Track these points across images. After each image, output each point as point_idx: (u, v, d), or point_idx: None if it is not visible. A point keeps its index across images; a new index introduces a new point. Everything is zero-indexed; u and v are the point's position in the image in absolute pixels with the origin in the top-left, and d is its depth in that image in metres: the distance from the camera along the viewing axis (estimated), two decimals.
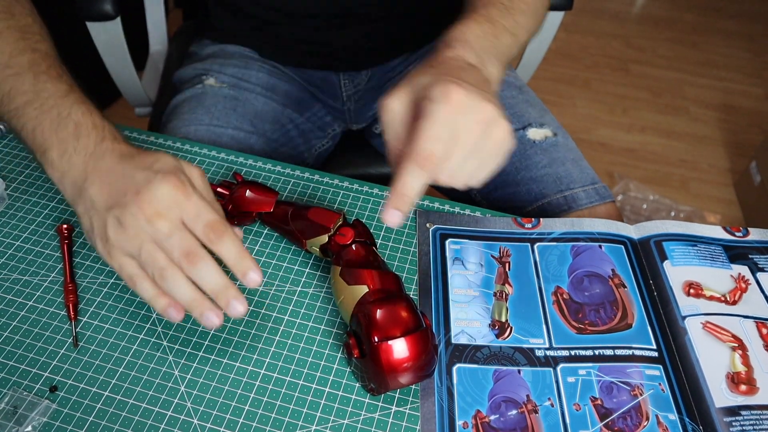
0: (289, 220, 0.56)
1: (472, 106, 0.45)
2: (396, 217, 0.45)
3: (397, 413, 0.48)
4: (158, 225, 0.43)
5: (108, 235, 0.45)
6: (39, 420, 0.46)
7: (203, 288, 0.44)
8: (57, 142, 0.48)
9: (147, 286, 0.45)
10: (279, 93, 0.84)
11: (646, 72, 2.20)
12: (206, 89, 0.80)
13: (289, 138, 0.83)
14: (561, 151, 0.76)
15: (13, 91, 0.51)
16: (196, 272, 0.44)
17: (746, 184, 1.74)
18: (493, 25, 0.55)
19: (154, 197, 0.44)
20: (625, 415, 0.47)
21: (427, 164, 0.44)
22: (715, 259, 0.58)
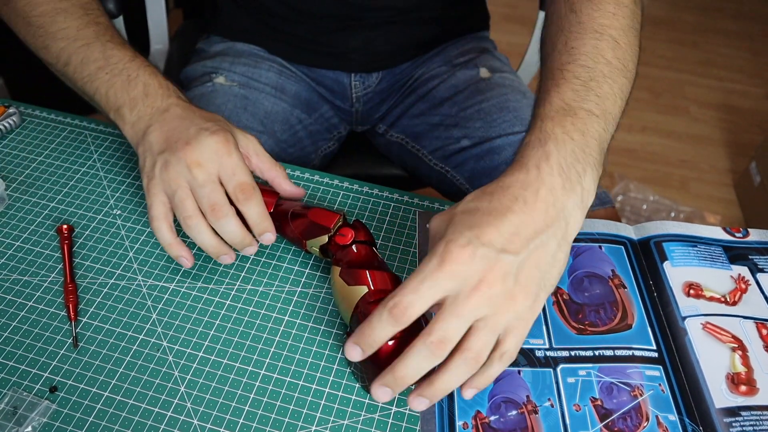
0: (289, 221, 0.56)
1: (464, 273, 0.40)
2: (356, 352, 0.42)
3: (397, 414, 0.48)
4: (195, 173, 0.49)
5: (154, 173, 0.51)
6: (39, 420, 0.46)
7: (223, 237, 0.51)
8: (128, 100, 0.54)
9: (165, 231, 0.51)
10: (288, 93, 0.84)
11: (646, 72, 2.20)
12: (216, 87, 0.80)
13: (298, 139, 0.83)
14: None
15: (85, 60, 0.57)
16: (218, 224, 0.50)
17: (746, 184, 1.74)
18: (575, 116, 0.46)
19: (199, 148, 0.50)
20: (625, 416, 0.47)
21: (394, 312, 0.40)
22: (715, 260, 0.58)
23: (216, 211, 0.50)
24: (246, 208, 0.51)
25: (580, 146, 0.45)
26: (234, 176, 0.51)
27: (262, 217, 0.52)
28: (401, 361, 0.41)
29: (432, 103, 0.84)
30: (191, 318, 0.53)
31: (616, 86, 0.50)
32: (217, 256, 0.52)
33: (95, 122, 0.71)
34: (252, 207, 0.51)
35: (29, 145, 0.68)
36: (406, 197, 0.65)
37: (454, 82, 0.84)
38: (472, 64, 0.85)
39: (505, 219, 0.41)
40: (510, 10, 2.28)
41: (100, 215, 0.61)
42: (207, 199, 0.50)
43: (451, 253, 0.40)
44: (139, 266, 0.57)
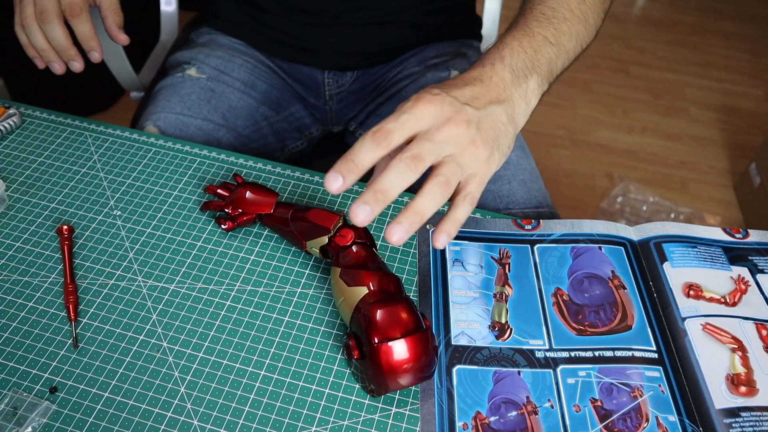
0: (289, 222, 0.56)
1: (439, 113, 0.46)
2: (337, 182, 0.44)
3: (397, 414, 0.48)
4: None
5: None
6: (39, 421, 0.46)
7: (51, 43, 0.62)
8: None
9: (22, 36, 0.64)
10: (258, 90, 0.85)
11: (646, 73, 2.21)
12: (185, 78, 0.81)
13: (262, 135, 0.84)
14: (512, 169, 0.73)
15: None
16: (45, 29, 0.61)
17: (746, 185, 1.74)
18: (532, 38, 0.55)
19: None
20: (625, 417, 0.47)
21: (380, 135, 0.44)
22: (715, 261, 0.58)
23: (43, 16, 0.60)
24: (74, 24, 0.61)
25: (530, 59, 0.53)
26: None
27: (88, 35, 0.62)
28: (381, 176, 0.44)
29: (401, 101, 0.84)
30: (191, 318, 0.53)
31: (574, 30, 0.58)
32: (47, 60, 0.63)
33: (95, 123, 0.71)
34: (78, 24, 0.61)
35: (29, 145, 0.68)
36: (405, 198, 0.65)
37: (423, 83, 0.83)
38: (444, 66, 0.84)
39: (466, 87, 0.49)
40: (510, 11, 2.28)
41: (100, 216, 0.61)
42: (39, 6, 0.60)
43: (425, 96, 0.46)
44: (139, 266, 0.57)
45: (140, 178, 0.65)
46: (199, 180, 0.65)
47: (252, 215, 0.58)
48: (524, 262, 0.58)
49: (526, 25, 0.56)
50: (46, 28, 0.61)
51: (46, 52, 0.62)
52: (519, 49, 0.53)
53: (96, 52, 0.62)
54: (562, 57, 0.57)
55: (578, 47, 0.59)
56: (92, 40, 0.62)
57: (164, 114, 0.76)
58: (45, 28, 0.61)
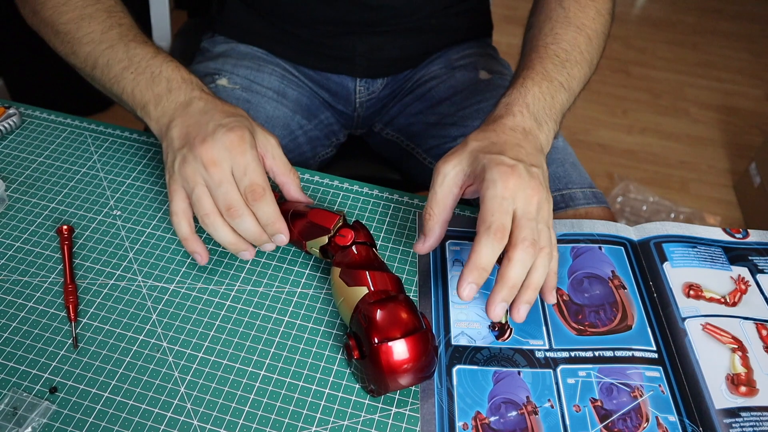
0: (289, 221, 0.56)
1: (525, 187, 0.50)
2: (472, 291, 0.48)
3: (397, 414, 0.48)
4: (211, 171, 0.50)
5: (174, 169, 0.52)
6: (39, 421, 0.46)
7: (241, 234, 0.52)
8: (153, 97, 0.56)
9: (185, 226, 0.53)
10: (289, 99, 0.84)
11: (645, 73, 2.21)
12: (219, 89, 0.80)
13: (297, 144, 0.83)
14: (560, 153, 0.77)
15: (111, 62, 0.58)
16: (235, 223, 0.51)
17: (746, 185, 1.74)
18: (551, 83, 0.58)
19: (214, 146, 0.51)
20: (625, 417, 0.47)
21: (499, 234, 0.48)
22: (715, 261, 0.58)
23: (232, 212, 0.51)
24: (256, 209, 0.51)
25: (549, 105, 0.58)
26: (245, 176, 0.51)
27: (273, 218, 0.52)
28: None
29: (430, 102, 0.85)
30: (191, 318, 0.53)
31: (582, 73, 0.63)
32: (236, 252, 0.53)
33: (95, 123, 0.71)
34: (262, 208, 0.51)
35: (29, 146, 0.68)
36: (406, 198, 0.65)
37: (452, 83, 0.85)
38: (472, 66, 0.86)
39: (521, 147, 0.53)
40: (510, 11, 2.28)
41: (100, 216, 0.61)
42: (223, 199, 0.51)
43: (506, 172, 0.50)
44: (139, 267, 0.57)
45: (140, 178, 0.65)
46: None
47: None
48: None
49: (544, 69, 0.59)
50: (236, 222, 0.51)
51: (235, 244, 0.52)
52: (540, 95, 0.57)
53: (283, 234, 0.52)
54: (571, 100, 0.62)
55: (582, 88, 0.64)
56: (278, 222, 0.52)
57: None
58: (235, 222, 0.51)
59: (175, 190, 0.52)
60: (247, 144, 0.51)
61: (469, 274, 0.48)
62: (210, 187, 0.51)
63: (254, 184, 0.51)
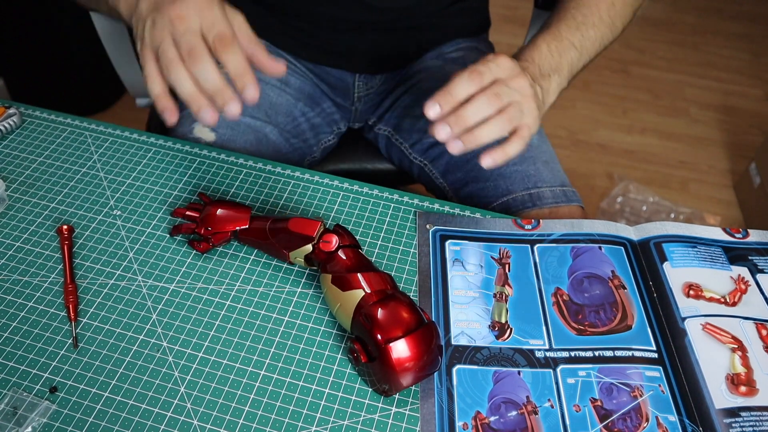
0: (268, 234, 0.55)
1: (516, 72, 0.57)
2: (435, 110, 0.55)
3: (397, 414, 0.48)
4: (177, 24, 0.50)
5: (144, 34, 0.52)
6: (39, 421, 0.46)
7: (202, 86, 0.49)
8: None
9: (157, 84, 0.51)
10: (292, 87, 0.85)
11: (646, 73, 2.20)
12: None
13: (301, 131, 0.84)
14: (534, 151, 0.77)
15: None
16: (196, 70, 0.49)
17: (746, 185, 1.74)
18: (560, 42, 0.64)
19: (183, 5, 0.51)
20: (624, 417, 0.47)
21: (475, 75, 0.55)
22: (715, 261, 0.58)
23: (192, 55, 0.49)
24: (225, 58, 0.50)
25: (555, 62, 0.64)
26: (213, 27, 0.50)
27: (242, 68, 0.50)
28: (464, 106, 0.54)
29: (417, 95, 0.85)
30: (191, 318, 0.53)
31: (599, 34, 0.68)
32: (198, 109, 0.50)
33: (95, 123, 0.71)
34: (231, 57, 0.50)
35: (29, 145, 0.68)
36: (405, 197, 0.65)
37: (441, 76, 0.84)
38: (462, 61, 0.87)
39: None
40: (510, 11, 2.28)
41: (100, 216, 0.61)
42: (185, 46, 0.49)
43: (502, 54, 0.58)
44: (139, 266, 0.57)
45: (140, 178, 0.65)
46: (199, 180, 0.65)
47: (227, 233, 0.56)
48: (524, 261, 0.58)
49: (557, 29, 0.65)
50: (197, 68, 0.49)
51: (196, 96, 0.49)
52: (547, 52, 0.63)
53: (253, 86, 0.50)
54: (584, 58, 0.66)
55: (601, 48, 0.69)
56: (247, 74, 0.50)
57: None
58: (196, 68, 0.49)
59: (145, 54, 0.51)
60: (215, 3, 0.52)
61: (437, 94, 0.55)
62: (175, 39, 0.50)
63: (222, 33, 0.50)
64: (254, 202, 0.63)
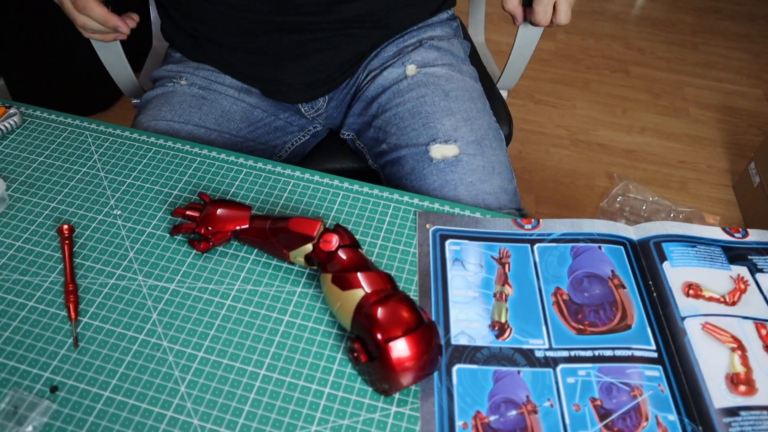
0: (268, 234, 0.55)
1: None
2: None
3: (397, 414, 0.48)
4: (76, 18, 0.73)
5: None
6: (39, 420, 0.46)
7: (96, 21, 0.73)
8: None
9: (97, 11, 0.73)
10: (252, 95, 0.84)
11: (645, 73, 2.21)
12: (176, 88, 0.80)
13: (259, 134, 0.83)
14: (458, 173, 0.72)
15: None
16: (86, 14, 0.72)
17: (745, 185, 1.74)
18: None
19: None
20: (624, 416, 0.48)
21: None
22: (715, 260, 0.58)
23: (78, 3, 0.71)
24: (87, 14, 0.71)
25: None
26: None
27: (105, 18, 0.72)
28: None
29: (365, 102, 0.83)
30: (191, 318, 0.53)
31: None
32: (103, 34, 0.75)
33: (95, 123, 0.71)
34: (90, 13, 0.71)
35: (30, 145, 0.68)
36: (405, 197, 0.65)
37: (381, 81, 0.81)
38: (401, 62, 0.81)
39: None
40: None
41: (101, 215, 0.61)
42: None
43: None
44: (139, 266, 0.57)
45: (140, 177, 0.65)
46: (200, 179, 0.65)
47: (227, 233, 0.57)
48: (524, 261, 0.58)
49: None
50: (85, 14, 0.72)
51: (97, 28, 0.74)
52: None
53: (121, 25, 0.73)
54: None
55: None
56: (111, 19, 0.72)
57: (155, 122, 0.76)
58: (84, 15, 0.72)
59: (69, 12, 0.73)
60: None
61: None
62: None
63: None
64: (254, 202, 0.63)
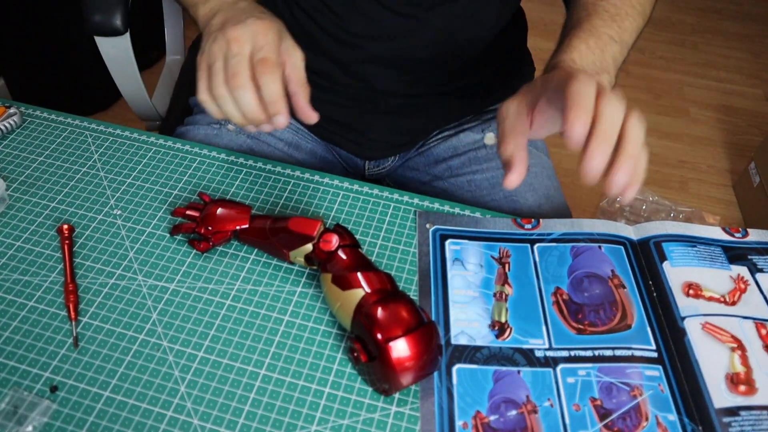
0: (268, 234, 0.55)
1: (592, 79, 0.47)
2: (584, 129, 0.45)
3: (397, 414, 0.48)
4: (232, 46, 0.52)
5: (205, 47, 0.54)
6: (39, 420, 0.46)
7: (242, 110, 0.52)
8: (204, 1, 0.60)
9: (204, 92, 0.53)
10: (302, 151, 0.79)
11: (645, 73, 2.21)
12: (221, 133, 0.75)
13: None
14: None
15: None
16: (236, 95, 0.51)
17: (745, 185, 1.74)
18: (599, 38, 0.57)
19: (242, 28, 0.53)
20: (624, 416, 0.47)
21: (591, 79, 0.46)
22: (715, 260, 0.58)
23: (234, 80, 0.50)
24: (262, 80, 0.50)
25: (599, 59, 0.56)
26: (261, 51, 0.51)
27: (276, 96, 0.51)
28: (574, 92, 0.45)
29: (428, 159, 0.81)
30: (191, 318, 0.53)
31: (635, 24, 0.62)
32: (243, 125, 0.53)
33: (96, 122, 0.71)
34: (267, 83, 0.50)
35: (30, 145, 0.68)
36: (405, 197, 0.65)
37: (455, 143, 0.79)
38: (480, 128, 0.79)
39: None
40: None
41: (101, 215, 0.61)
42: (231, 69, 0.51)
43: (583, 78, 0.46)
44: (139, 266, 0.57)
45: (140, 177, 0.65)
46: (199, 179, 0.65)
47: (227, 233, 0.57)
48: (524, 261, 0.58)
49: (591, 25, 0.58)
50: (237, 93, 0.50)
51: (234, 116, 0.52)
52: (587, 51, 0.56)
53: (283, 116, 0.51)
54: (625, 51, 0.61)
55: (637, 37, 0.63)
56: (281, 101, 0.51)
57: None
58: (236, 93, 0.50)
59: (201, 64, 0.54)
60: (272, 31, 0.53)
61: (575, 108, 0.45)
62: (226, 60, 0.52)
63: (266, 57, 0.51)
64: (254, 201, 0.63)
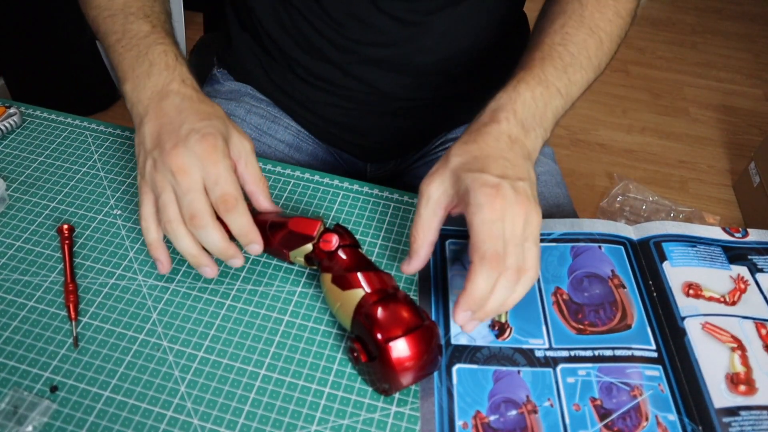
0: (268, 234, 0.54)
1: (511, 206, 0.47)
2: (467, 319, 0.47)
3: (397, 413, 0.48)
4: (179, 179, 0.48)
5: (145, 171, 0.50)
6: (39, 420, 0.46)
7: (206, 247, 0.49)
8: (132, 78, 0.53)
9: (152, 230, 0.50)
10: (303, 153, 0.78)
11: (645, 73, 2.21)
12: None
13: None
14: None
15: (108, 31, 0.57)
16: (198, 234, 0.48)
17: (745, 184, 1.74)
18: (546, 89, 0.55)
19: (185, 153, 0.48)
20: (624, 416, 0.48)
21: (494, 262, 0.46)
22: (715, 260, 0.58)
23: (195, 222, 0.47)
24: (229, 220, 0.48)
25: (540, 112, 0.54)
26: (217, 186, 0.48)
27: (246, 229, 0.49)
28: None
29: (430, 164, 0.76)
30: (191, 318, 0.53)
31: (585, 78, 0.59)
32: (197, 266, 0.50)
33: (95, 122, 0.71)
34: (235, 219, 0.48)
35: (30, 145, 0.68)
36: (405, 197, 0.65)
37: None
38: None
39: (505, 159, 0.50)
40: None
41: (101, 215, 0.61)
42: (187, 208, 0.48)
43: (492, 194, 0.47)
44: (139, 266, 0.57)
45: None
46: None
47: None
48: None
49: (543, 72, 0.56)
50: (199, 234, 0.48)
51: (197, 257, 0.49)
52: (531, 101, 0.54)
53: (257, 244, 0.50)
54: (567, 106, 0.58)
55: (583, 93, 0.60)
56: (251, 233, 0.49)
57: None
58: (199, 233, 0.48)
59: (144, 192, 0.50)
60: (219, 153, 0.48)
61: (464, 302, 0.46)
62: (177, 195, 0.48)
63: (226, 194, 0.48)
64: None
